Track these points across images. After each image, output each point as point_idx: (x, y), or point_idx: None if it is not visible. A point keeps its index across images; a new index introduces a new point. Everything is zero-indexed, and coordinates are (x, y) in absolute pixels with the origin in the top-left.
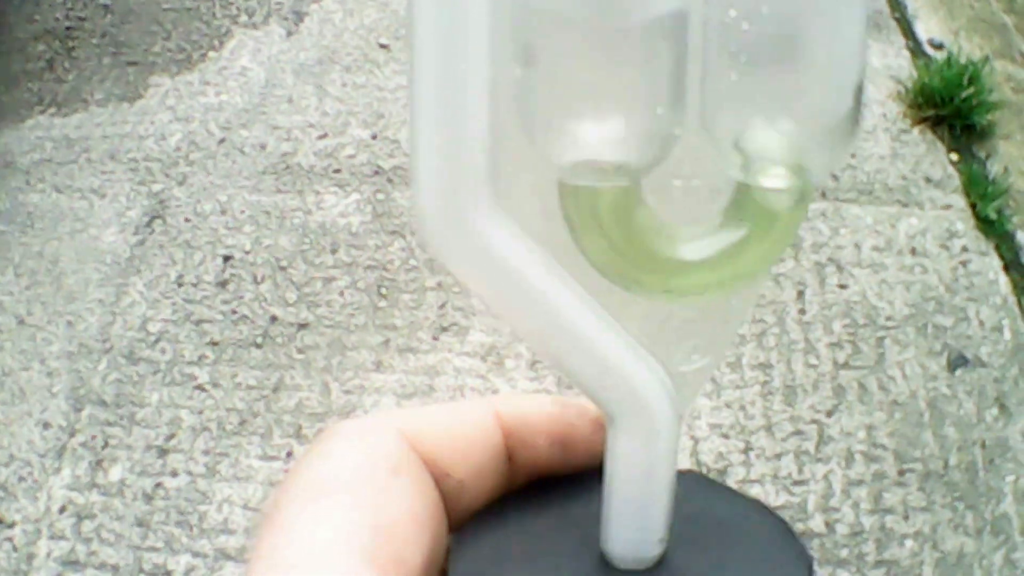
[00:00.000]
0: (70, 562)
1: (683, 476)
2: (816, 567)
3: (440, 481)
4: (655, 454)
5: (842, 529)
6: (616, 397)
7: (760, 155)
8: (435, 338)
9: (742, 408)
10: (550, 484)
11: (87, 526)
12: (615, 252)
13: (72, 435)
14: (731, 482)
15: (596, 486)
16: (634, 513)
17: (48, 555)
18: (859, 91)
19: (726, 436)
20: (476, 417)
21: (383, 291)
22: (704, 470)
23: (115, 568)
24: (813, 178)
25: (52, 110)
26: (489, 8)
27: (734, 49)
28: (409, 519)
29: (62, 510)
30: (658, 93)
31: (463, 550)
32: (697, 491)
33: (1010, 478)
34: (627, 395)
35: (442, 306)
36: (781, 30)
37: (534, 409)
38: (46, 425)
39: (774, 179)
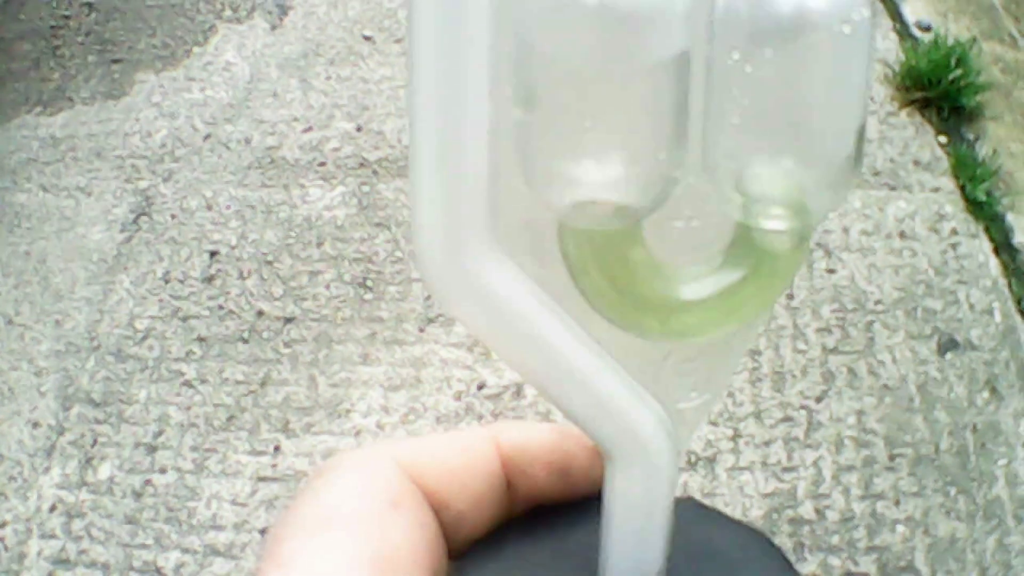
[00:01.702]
0: (61, 561)
1: (681, 504)
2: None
3: (439, 512)
4: (653, 491)
5: (832, 515)
6: (615, 436)
7: (760, 197)
8: (421, 330)
9: (730, 395)
10: (550, 513)
11: (77, 524)
12: (614, 293)
13: (61, 434)
14: (720, 469)
15: (595, 515)
16: (632, 547)
17: (39, 554)
18: (861, 134)
19: (715, 424)
20: (475, 447)
21: (369, 283)
22: (693, 458)
23: (105, 566)
24: (813, 220)
25: (38, 109)
26: (490, 51)
27: (736, 92)
28: (409, 551)
29: (52, 509)
30: (659, 136)
31: None
32: (694, 519)
33: (1002, 462)
34: (626, 434)
35: (428, 297)
36: (784, 74)
37: (533, 438)
38: (35, 424)
39: (774, 220)
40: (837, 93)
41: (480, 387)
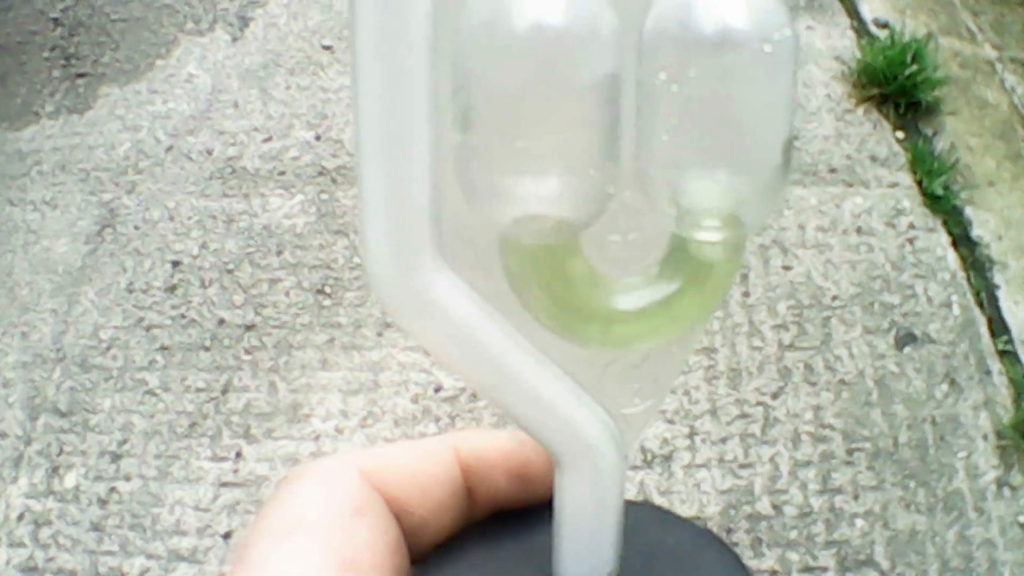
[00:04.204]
0: (29, 568)
1: (635, 507)
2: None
3: (401, 518)
4: (601, 493)
5: (790, 511)
6: (562, 441)
7: (693, 209)
8: (379, 334)
9: (686, 393)
10: (509, 517)
11: (44, 532)
12: (555, 305)
13: (28, 444)
14: (677, 467)
15: (552, 519)
16: (583, 548)
17: (7, 562)
18: (788, 146)
19: (671, 421)
20: (435, 455)
21: (328, 290)
22: (649, 456)
23: (72, 573)
24: (746, 230)
25: (4, 124)
26: (429, 77)
27: (665, 110)
28: (372, 556)
29: (20, 518)
30: (592, 153)
31: None
32: (649, 522)
33: (962, 454)
34: (572, 439)
35: None
36: (709, 92)
37: (492, 445)
38: (2, 435)
39: (708, 232)
40: (761, 109)
41: (437, 390)
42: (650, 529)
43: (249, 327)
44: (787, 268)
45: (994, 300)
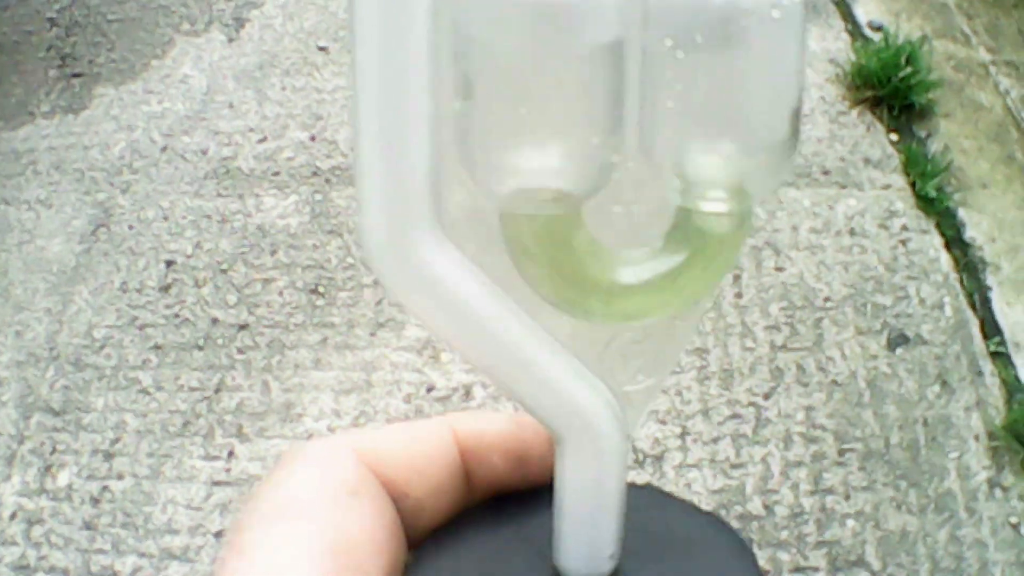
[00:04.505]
0: (21, 567)
1: (639, 490)
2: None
3: (398, 500)
4: (603, 473)
5: (781, 511)
6: (563, 419)
7: (699, 180)
8: (372, 334)
9: (678, 393)
10: (507, 500)
11: (37, 531)
12: (556, 278)
13: (21, 442)
14: (668, 467)
15: (552, 502)
16: (584, 530)
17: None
18: (796, 116)
19: (663, 422)
20: (433, 437)
21: (321, 290)
22: (641, 456)
23: (65, 571)
24: (752, 201)
25: (0, 123)
26: (430, 43)
27: (670, 77)
28: (368, 539)
29: (13, 516)
30: (595, 122)
31: (421, 568)
32: (652, 505)
33: (953, 455)
34: (574, 416)
35: (379, 303)
36: (716, 59)
37: (490, 427)
38: None
39: (713, 203)
40: (769, 77)
41: (429, 390)
42: (653, 512)
43: (242, 326)
44: (780, 269)
45: (987, 302)
